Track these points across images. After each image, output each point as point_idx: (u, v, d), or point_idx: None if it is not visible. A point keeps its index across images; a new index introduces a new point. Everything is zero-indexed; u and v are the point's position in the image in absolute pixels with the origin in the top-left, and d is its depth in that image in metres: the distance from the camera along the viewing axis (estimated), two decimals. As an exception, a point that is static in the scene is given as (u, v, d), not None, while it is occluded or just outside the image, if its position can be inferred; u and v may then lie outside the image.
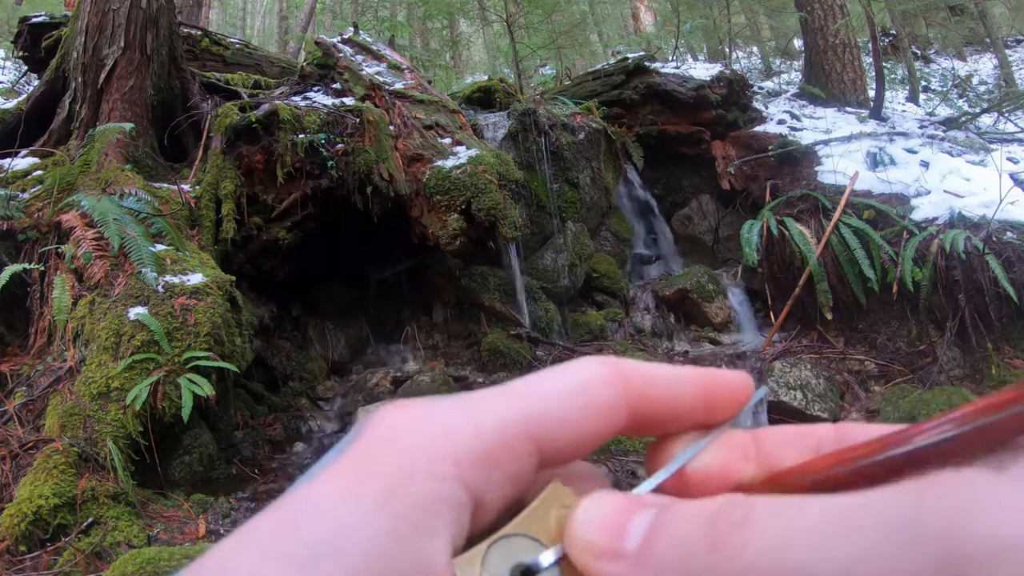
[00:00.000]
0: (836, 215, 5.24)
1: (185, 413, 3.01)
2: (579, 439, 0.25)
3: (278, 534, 0.21)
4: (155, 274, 3.43)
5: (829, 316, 5.09)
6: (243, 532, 0.21)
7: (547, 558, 0.23)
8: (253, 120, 4.37)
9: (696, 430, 0.27)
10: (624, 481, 3.65)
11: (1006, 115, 7.54)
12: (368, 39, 6.40)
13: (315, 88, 5.67)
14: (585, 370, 0.25)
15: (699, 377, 0.27)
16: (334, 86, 5.69)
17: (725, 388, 0.27)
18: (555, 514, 0.24)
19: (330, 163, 4.54)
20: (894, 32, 10.63)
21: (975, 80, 10.73)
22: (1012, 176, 5.14)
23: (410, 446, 0.22)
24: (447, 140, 5.10)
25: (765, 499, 0.20)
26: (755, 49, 13.66)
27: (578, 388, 0.25)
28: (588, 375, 0.25)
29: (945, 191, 5.21)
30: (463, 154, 4.86)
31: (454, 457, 0.22)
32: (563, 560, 0.23)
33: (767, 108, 7.79)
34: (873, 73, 7.70)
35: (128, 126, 4.27)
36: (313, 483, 0.22)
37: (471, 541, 0.23)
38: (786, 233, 5.37)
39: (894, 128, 6.84)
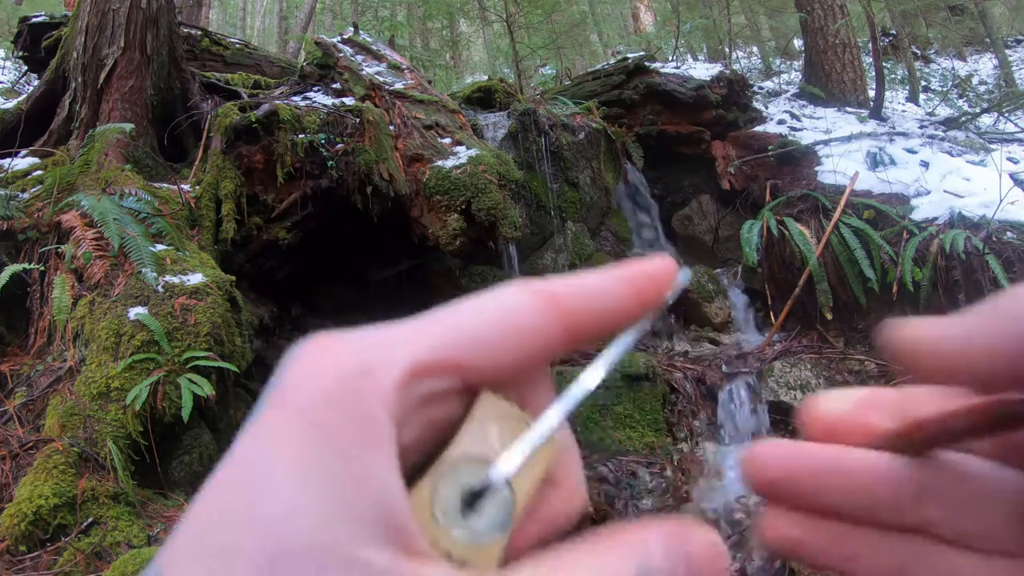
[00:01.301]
0: (836, 215, 5.24)
1: (185, 413, 3.00)
2: (508, 360, 0.24)
3: (231, 510, 0.20)
4: (155, 274, 3.43)
5: (829, 316, 5.09)
6: (195, 510, 0.21)
7: (497, 475, 0.23)
8: (253, 120, 4.37)
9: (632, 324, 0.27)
10: (623, 481, 3.65)
11: (1006, 115, 7.54)
12: (368, 39, 6.40)
13: (315, 88, 5.67)
14: (510, 294, 0.25)
15: (625, 275, 0.26)
16: (334, 86, 5.69)
17: (650, 278, 0.27)
18: (493, 427, 0.23)
19: (330, 163, 4.54)
20: (894, 32, 10.62)
21: (975, 80, 10.73)
22: (1012, 176, 5.14)
23: (336, 382, 0.22)
24: (447, 140, 5.10)
25: None
26: (755, 49, 13.66)
27: (503, 310, 0.24)
28: (513, 298, 0.25)
29: (945, 191, 5.21)
30: (463, 154, 4.87)
31: (377, 391, 0.22)
32: (515, 475, 0.23)
33: (767, 108, 7.79)
34: (873, 73, 7.70)
35: (128, 126, 4.27)
36: (253, 440, 0.21)
37: (410, 472, 0.22)
38: (786, 233, 5.37)
39: (894, 128, 6.84)
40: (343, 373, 0.22)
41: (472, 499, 0.22)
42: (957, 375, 0.25)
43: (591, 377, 0.25)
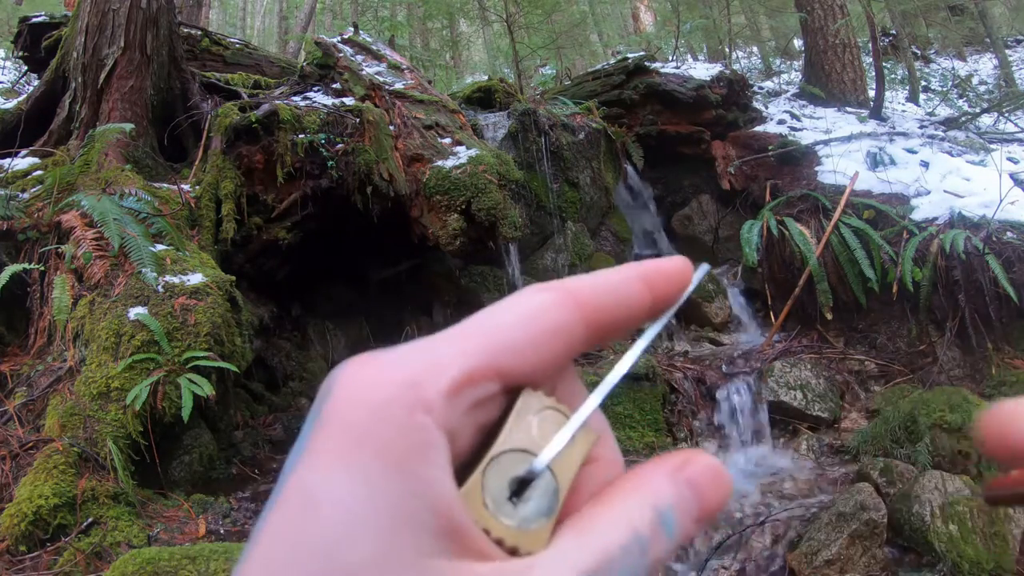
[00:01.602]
0: (836, 215, 5.24)
1: (185, 413, 3.00)
2: (540, 361, 0.25)
3: (298, 525, 0.21)
4: (155, 274, 3.43)
5: (829, 316, 5.09)
6: (263, 532, 0.22)
7: (540, 463, 0.24)
8: (253, 120, 4.37)
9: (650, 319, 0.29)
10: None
11: (1006, 115, 7.54)
12: (368, 39, 6.40)
13: (315, 88, 5.67)
14: (536, 297, 0.26)
15: (641, 273, 0.28)
16: (334, 86, 5.69)
17: (666, 276, 0.28)
18: (534, 420, 0.25)
19: (330, 163, 4.54)
20: (894, 32, 10.62)
21: (975, 80, 10.72)
22: (1012, 176, 5.14)
23: (383, 401, 0.23)
24: (447, 140, 5.10)
25: None
26: (755, 49, 13.65)
27: (532, 314, 0.26)
28: (539, 301, 0.26)
29: (945, 191, 5.21)
30: (463, 154, 4.86)
31: (425, 403, 0.23)
32: (555, 461, 0.25)
33: (767, 108, 7.79)
34: (873, 73, 7.70)
35: (128, 126, 4.27)
36: (305, 463, 0.22)
37: (462, 471, 0.24)
38: (786, 233, 5.37)
39: (894, 128, 6.84)
40: (390, 388, 0.23)
41: (520, 488, 0.24)
42: None
43: (620, 369, 0.27)
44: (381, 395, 0.23)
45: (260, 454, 3.92)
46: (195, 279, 3.49)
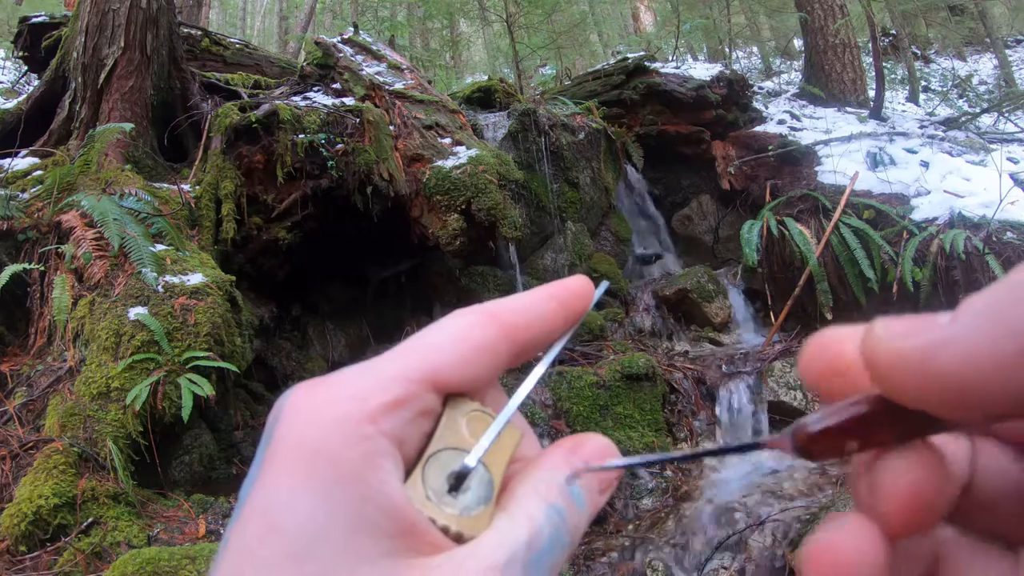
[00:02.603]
0: (836, 215, 5.24)
1: (185, 413, 3.00)
2: (472, 375, 0.28)
3: (262, 541, 0.22)
4: (155, 274, 3.43)
5: (829, 316, 5.09)
6: (228, 551, 0.23)
7: (472, 457, 0.27)
8: (253, 120, 4.37)
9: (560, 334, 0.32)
10: (624, 481, 3.65)
11: (1006, 115, 7.54)
12: (368, 39, 6.40)
13: (315, 88, 5.67)
14: (463, 319, 0.30)
15: (552, 293, 0.31)
16: (334, 86, 5.69)
17: (574, 294, 0.32)
18: (462, 421, 0.28)
19: (330, 163, 4.54)
20: (894, 32, 10.62)
21: (975, 80, 10.72)
22: (1012, 176, 5.14)
23: (332, 418, 0.25)
24: (447, 140, 5.10)
25: None
26: (755, 49, 13.66)
27: (460, 334, 0.29)
28: (467, 323, 0.29)
29: (945, 191, 5.21)
30: (463, 154, 4.86)
31: (369, 416, 0.25)
32: (487, 456, 0.28)
33: (767, 108, 7.79)
34: (873, 73, 7.70)
35: (128, 126, 4.27)
36: (266, 482, 0.24)
37: (409, 471, 0.27)
38: (786, 233, 5.37)
39: (894, 128, 6.84)
40: (338, 405, 0.25)
41: (457, 481, 0.27)
42: (953, 406, 0.21)
43: (534, 375, 0.30)
44: (330, 412, 0.25)
45: (260, 454, 3.92)
46: (195, 279, 3.49)
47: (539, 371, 0.30)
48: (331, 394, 0.26)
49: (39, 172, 4.37)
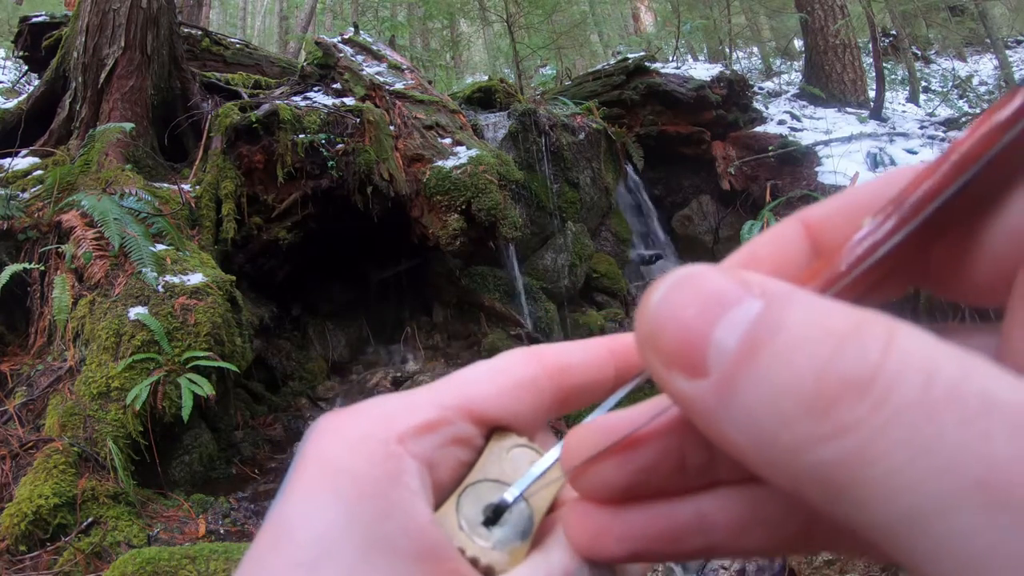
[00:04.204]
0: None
1: (185, 413, 3.00)
2: (511, 409, 0.27)
3: (273, 549, 0.22)
4: (155, 274, 3.43)
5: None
6: (244, 560, 0.23)
7: (511, 494, 0.26)
8: (253, 120, 4.37)
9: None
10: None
11: (1006, 116, 7.53)
12: (368, 39, 6.40)
13: (315, 88, 5.67)
14: (505, 355, 0.29)
15: (607, 343, 0.30)
16: (334, 86, 5.69)
17: (627, 347, 0.29)
18: (506, 455, 0.27)
19: (330, 163, 4.54)
20: (894, 33, 10.62)
21: (975, 81, 10.73)
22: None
23: (359, 436, 0.25)
24: (447, 140, 5.10)
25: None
26: (755, 49, 13.66)
27: (500, 368, 0.28)
28: (508, 357, 0.29)
29: (945, 192, 5.21)
30: (463, 154, 4.86)
31: (396, 434, 0.25)
32: (529, 492, 0.26)
33: (767, 108, 7.80)
34: (873, 74, 7.70)
35: (128, 126, 4.27)
36: (288, 496, 0.24)
37: (443, 498, 0.26)
38: (786, 233, 5.37)
39: (894, 129, 6.84)
40: (366, 424, 0.25)
41: (495, 514, 0.26)
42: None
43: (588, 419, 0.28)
44: (357, 431, 0.25)
45: (260, 454, 3.92)
46: (195, 279, 3.49)
47: (594, 414, 0.28)
48: (360, 415, 0.26)
49: (39, 172, 4.37)
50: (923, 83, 9.93)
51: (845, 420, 0.16)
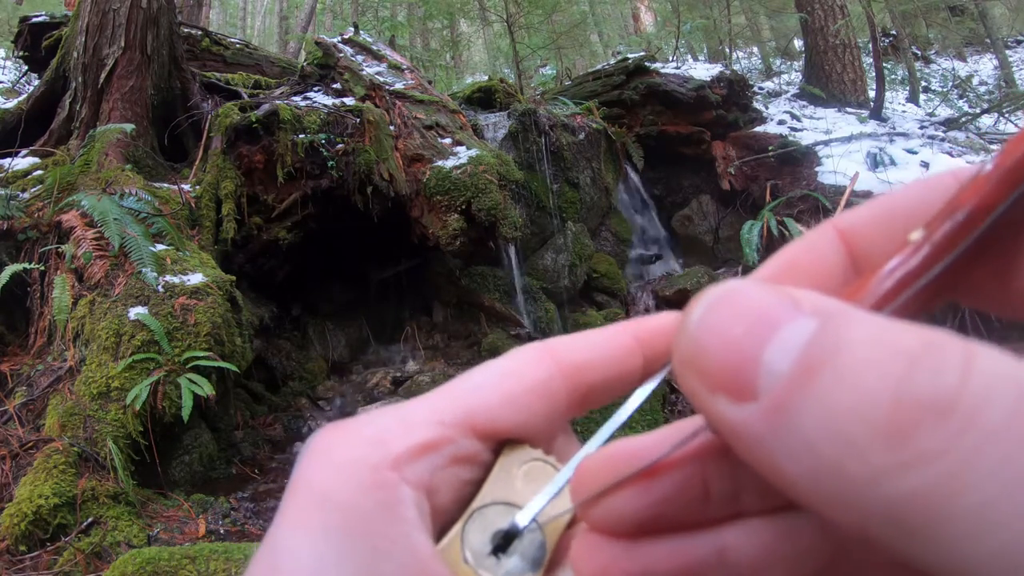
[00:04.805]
0: (836, 216, 5.24)
1: (185, 413, 3.00)
2: (520, 418, 0.24)
3: None
4: (155, 274, 3.43)
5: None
6: None
7: (524, 515, 0.23)
8: (253, 120, 4.37)
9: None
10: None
11: (1006, 116, 7.54)
12: (368, 39, 6.40)
13: (315, 88, 5.67)
14: (512, 355, 0.26)
15: (631, 329, 0.26)
16: (334, 86, 5.69)
17: (654, 330, 0.26)
18: (518, 472, 0.24)
19: (330, 163, 4.54)
20: (894, 33, 10.62)
21: (975, 81, 10.73)
22: None
23: (348, 461, 0.22)
24: (447, 140, 5.10)
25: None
26: (755, 49, 13.66)
27: (507, 372, 0.25)
28: (515, 357, 0.25)
29: (945, 192, 5.21)
30: (463, 154, 4.86)
31: (391, 459, 0.22)
32: (543, 513, 0.23)
33: (767, 108, 7.80)
34: (873, 74, 7.70)
35: (128, 126, 4.27)
36: (279, 523, 0.22)
37: (447, 528, 0.23)
38: (786, 234, 5.37)
39: (894, 129, 6.84)
40: (355, 448, 0.23)
41: (504, 542, 0.23)
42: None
43: (611, 425, 0.25)
44: (346, 454, 0.22)
45: (260, 454, 3.92)
46: (195, 279, 3.49)
47: (617, 419, 0.25)
48: (350, 436, 0.23)
49: (39, 172, 4.37)
50: (923, 83, 9.94)
51: (928, 447, 0.14)
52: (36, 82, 5.84)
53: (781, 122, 7.19)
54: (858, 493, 0.15)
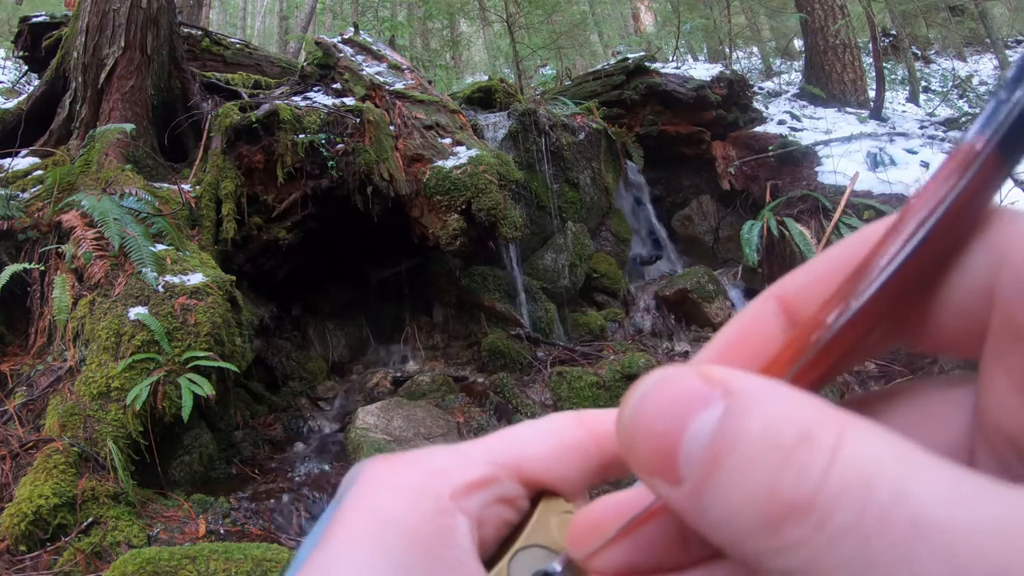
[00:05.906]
0: (836, 215, 5.24)
1: (185, 413, 3.00)
2: (558, 471, 0.27)
3: None
4: (155, 274, 3.43)
5: (829, 316, 5.09)
6: None
7: (560, 562, 0.26)
8: (253, 120, 4.37)
9: None
10: (623, 482, 3.64)
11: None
12: (368, 39, 6.40)
13: (315, 88, 5.67)
14: (552, 417, 0.28)
15: None
16: (334, 86, 5.69)
17: None
18: (555, 521, 0.27)
19: (330, 163, 4.54)
20: (894, 33, 10.62)
21: (975, 80, 10.72)
22: (1012, 177, 5.14)
23: (410, 488, 0.24)
24: (447, 140, 5.10)
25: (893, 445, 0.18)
26: (755, 49, 13.66)
27: (549, 429, 0.28)
28: (554, 420, 0.28)
29: (945, 191, 5.21)
30: (463, 154, 4.86)
31: (450, 490, 0.24)
32: (569, 563, 0.26)
33: (767, 108, 7.80)
34: (873, 74, 7.70)
35: (128, 126, 4.27)
36: (329, 544, 0.23)
37: (486, 562, 0.25)
38: (786, 233, 5.37)
39: (894, 128, 6.84)
40: (418, 476, 0.25)
41: None
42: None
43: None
44: (408, 482, 0.24)
45: (260, 454, 3.92)
46: (195, 279, 3.49)
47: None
48: (411, 466, 0.25)
49: (39, 172, 4.37)
50: (923, 83, 9.94)
51: (793, 538, 0.17)
52: (36, 82, 5.85)
53: (781, 122, 7.19)
54: (757, 564, 0.18)
